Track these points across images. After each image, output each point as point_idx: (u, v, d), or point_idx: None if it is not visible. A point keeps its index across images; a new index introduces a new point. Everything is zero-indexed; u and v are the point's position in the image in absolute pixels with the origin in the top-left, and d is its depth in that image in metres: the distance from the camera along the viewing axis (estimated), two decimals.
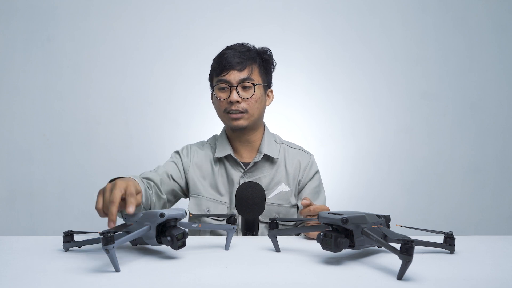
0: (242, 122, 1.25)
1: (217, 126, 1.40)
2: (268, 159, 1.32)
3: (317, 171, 1.38)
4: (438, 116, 2.29)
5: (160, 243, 0.75)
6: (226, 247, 0.83)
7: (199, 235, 1.25)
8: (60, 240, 0.87)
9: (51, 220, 2.11)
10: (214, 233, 1.26)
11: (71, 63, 2.15)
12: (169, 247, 0.76)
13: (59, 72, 2.15)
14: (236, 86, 1.24)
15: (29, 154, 2.12)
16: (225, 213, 1.28)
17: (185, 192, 1.35)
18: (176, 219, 0.76)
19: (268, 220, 0.90)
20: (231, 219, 0.92)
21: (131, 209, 0.75)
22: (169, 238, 0.72)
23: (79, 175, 2.13)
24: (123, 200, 0.79)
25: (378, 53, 2.27)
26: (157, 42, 2.18)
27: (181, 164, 1.34)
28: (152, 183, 1.21)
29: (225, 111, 1.26)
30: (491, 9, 2.31)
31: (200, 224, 0.84)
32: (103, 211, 0.79)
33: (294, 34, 2.23)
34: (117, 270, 0.65)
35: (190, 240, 0.75)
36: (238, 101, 1.24)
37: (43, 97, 2.14)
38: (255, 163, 1.30)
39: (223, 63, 1.25)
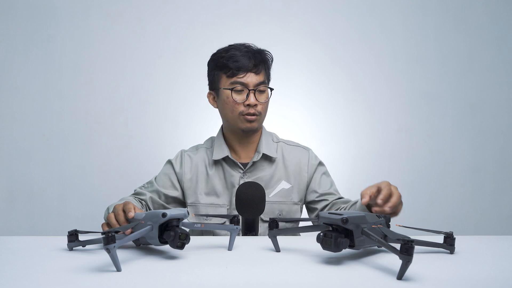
0: (255, 124, 1.27)
1: (217, 127, 1.40)
2: (267, 158, 1.32)
3: (319, 162, 1.38)
4: (438, 116, 2.29)
5: (162, 243, 0.75)
6: (230, 248, 0.82)
7: (201, 235, 1.25)
8: (60, 240, 0.87)
9: (51, 220, 2.10)
10: (213, 233, 1.26)
11: (71, 63, 2.15)
12: (169, 246, 0.76)
13: (59, 72, 2.14)
14: (255, 90, 1.25)
15: (29, 154, 2.12)
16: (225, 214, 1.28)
17: (181, 200, 1.35)
18: (179, 219, 0.76)
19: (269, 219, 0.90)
20: (234, 219, 0.92)
21: (131, 213, 0.85)
22: (172, 233, 0.72)
23: (79, 175, 2.13)
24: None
25: (378, 53, 2.27)
26: (157, 42, 2.18)
27: (174, 175, 1.34)
28: (143, 202, 1.27)
29: (241, 113, 1.25)
30: (491, 9, 2.31)
31: (203, 224, 0.84)
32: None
33: (294, 34, 2.23)
34: (118, 269, 0.65)
35: (190, 240, 0.75)
36: (256, 105, 1.25)
37: (43, 97, 2.13)
38: (254, 162, 1.30)
39: (238, 64, 1.24)
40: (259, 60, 1.27)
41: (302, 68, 2.21)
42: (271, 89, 1.30)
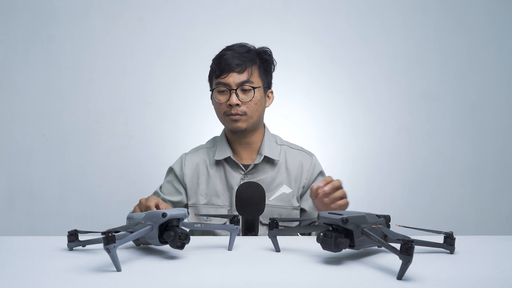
0: (241, 124, 1.25)
1: (217, 127, 1.40)
2: (269, 161, 1.31)
3: (321, 172, 1.36)
4: (438, 116, 2.29)
5: (162, 243, 0.75)
6: (230, 247, 0.82)
7: (202, 235, 1.25)
8: (60, 240, 0.87)
9: (51, 220, 2.10)
10: (213, 233, 1.26)
11: (71, 63, 2.15)
12: (169, 246, 0.76)
13: (59, 72, 2.14)
14: (236, 89, 1.23)
15: (29, 154, 2.12)
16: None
17: (188, 204, 1.36)
18: (179, 219, 0.76)
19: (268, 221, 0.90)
20: (234, 219, 0.92)
21: (162, 206, 0.99)
22: (172, 233, 0.72)
23: (79, 175, 2.13)
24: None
25: (378, 53, 2.27)
26: (157, 42, 2.18)
27: (176, 180, 1.35)
28: None
29: (225, 114, 1.26)
30: (491, 9, 2.30)
31: (203, 224, 0.84)
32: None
33: (294, 34, 2.23)
34: (118, 269, 0.65)
35: (190, 240, 0.75)
36: (237, 104, 1.23)
37: (43, 97, 2.13)
38: (255, 165, 1.29)
39: (222, 65, 1.23)
40: (243, 59, 1.24)
41: (302, 68, 2.21)
42: (255, 88, 1.24)
